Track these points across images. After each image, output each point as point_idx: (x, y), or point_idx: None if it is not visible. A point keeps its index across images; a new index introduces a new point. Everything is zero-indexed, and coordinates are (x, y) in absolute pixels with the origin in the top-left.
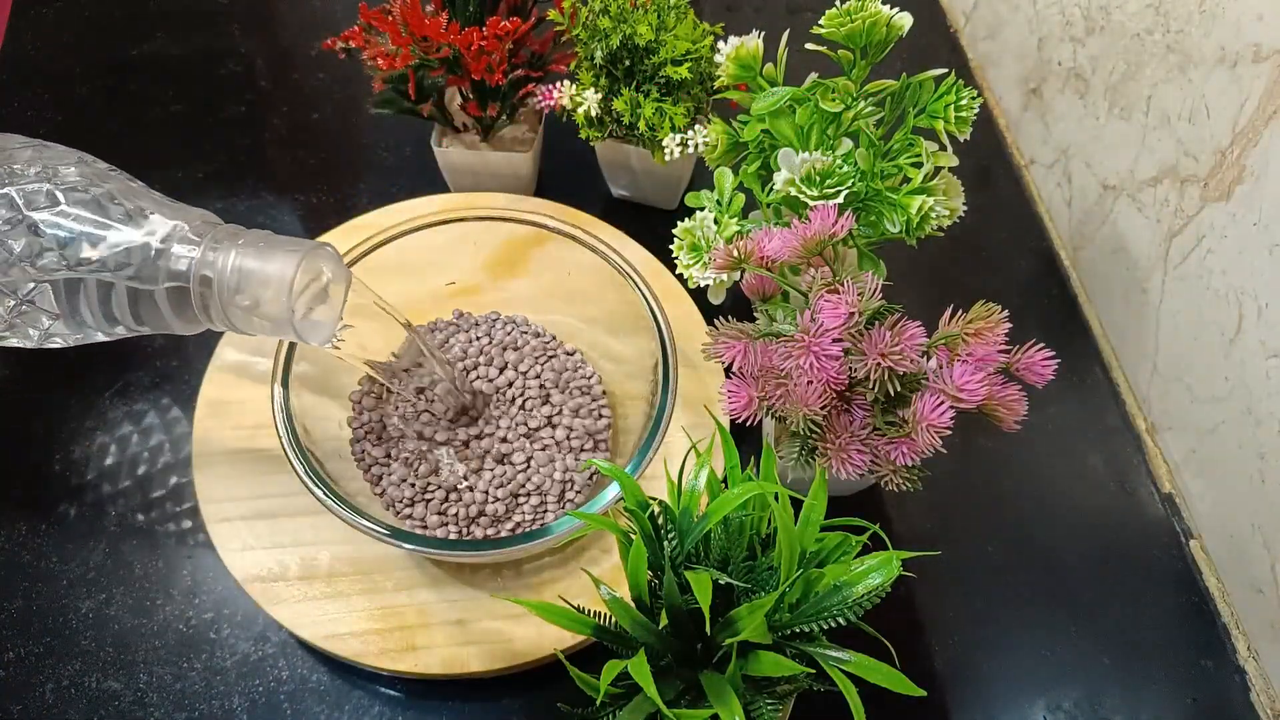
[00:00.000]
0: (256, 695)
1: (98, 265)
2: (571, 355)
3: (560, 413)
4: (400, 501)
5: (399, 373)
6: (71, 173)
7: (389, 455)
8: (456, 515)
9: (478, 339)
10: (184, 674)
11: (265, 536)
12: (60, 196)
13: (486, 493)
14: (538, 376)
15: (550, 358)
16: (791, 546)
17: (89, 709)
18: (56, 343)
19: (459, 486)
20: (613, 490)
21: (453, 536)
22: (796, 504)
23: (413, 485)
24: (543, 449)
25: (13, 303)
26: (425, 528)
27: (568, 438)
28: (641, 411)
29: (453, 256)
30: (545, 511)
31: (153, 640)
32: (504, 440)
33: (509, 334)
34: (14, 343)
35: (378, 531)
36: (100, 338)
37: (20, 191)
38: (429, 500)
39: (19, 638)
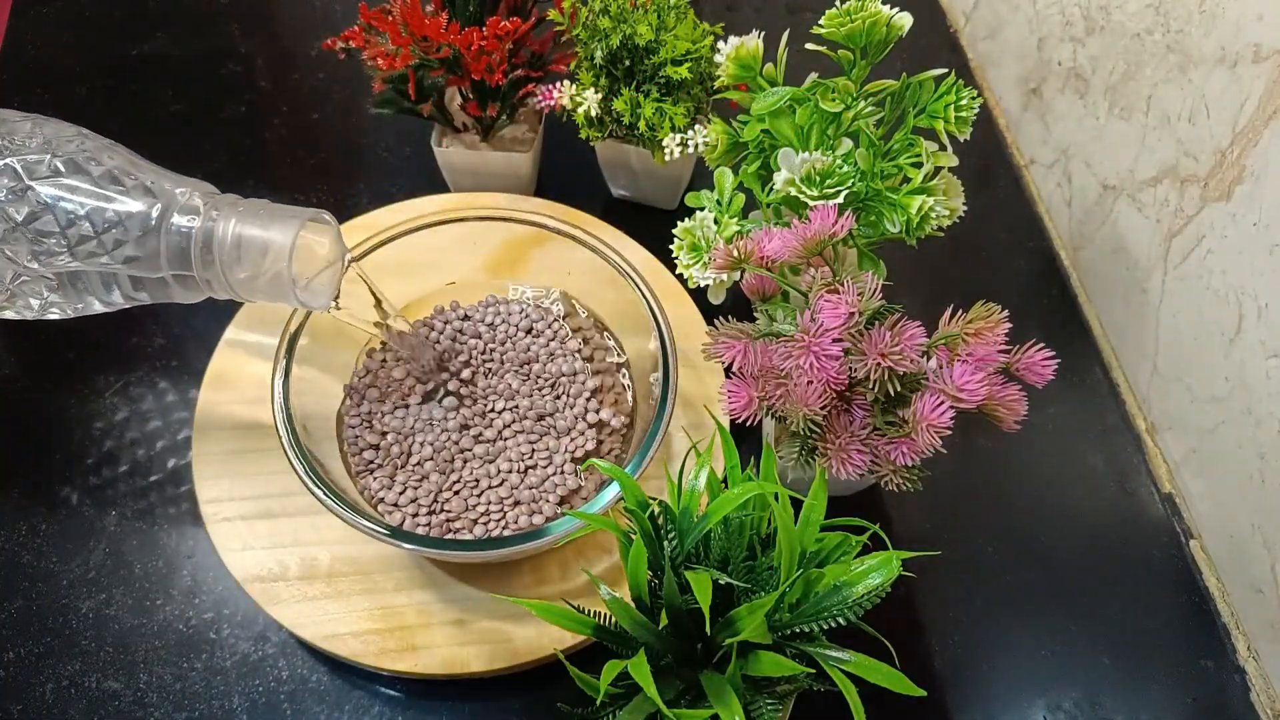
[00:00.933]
0: (256, 695)
1: (97, 245)
2: (574, 342)
3: (559, 409)
4: (383, 491)
5: (395, 336)
6: (72, 146)
7: (378, 445)
8: (437, 509)
9: (477, 336)
10: (184, 674)
11: (265, 536)
12: (61, 167)
13: (479, 489)
14: (535, 376)
15: (552, 344)
16: (791, 546)
17: (89, 709)
18: (55, 314)
19: (444, 487)
20: (613, 490)
21: (434, 534)
22: (796, 504)
23: (400, 478)
24: (539, 444)
25: (13, 271)
26: (405, 521)
27: (569, 433)
28: (642, 412)
29: (453, 256)
30: (540, 512)
31: (153, 640)
32: (500, 435)
33: (502, 323)
34: (11, 314)
35: (378, 532)
36: (98, 307)
37: (21, 162)
38: (417, 498)
39: (19, 638)
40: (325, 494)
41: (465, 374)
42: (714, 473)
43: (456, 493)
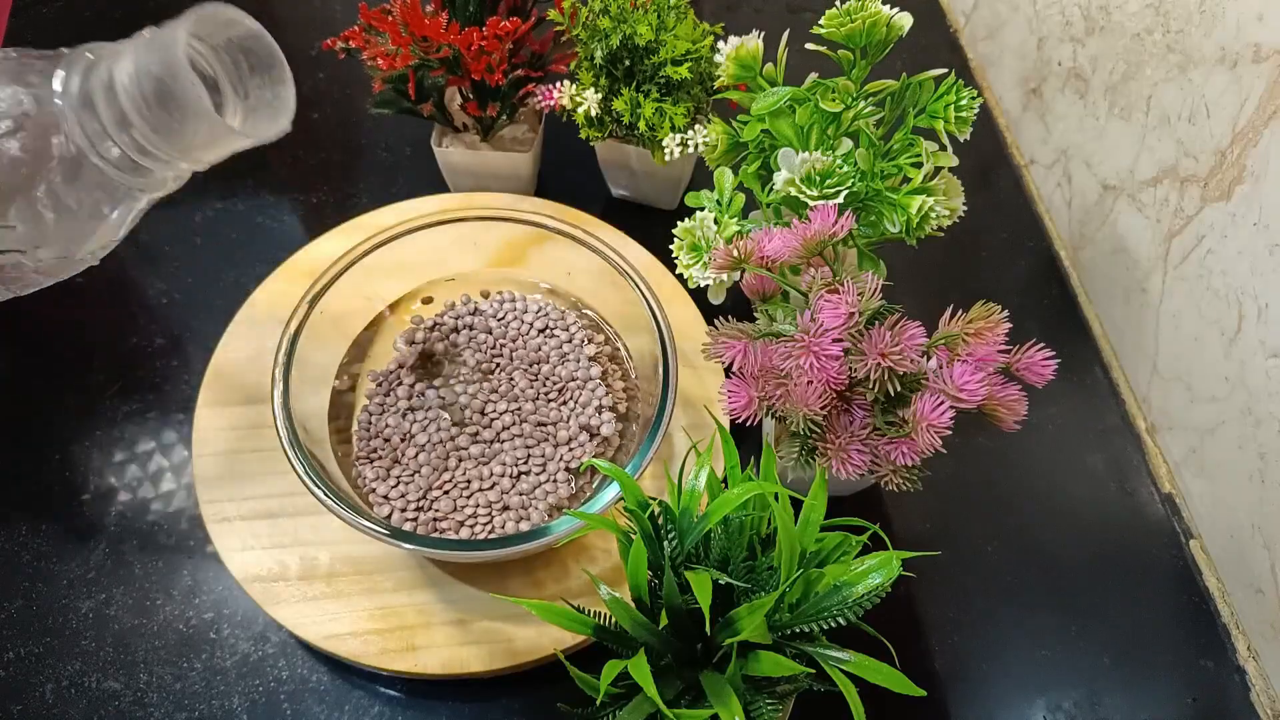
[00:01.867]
0: (256, 695)
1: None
2: (580, 344)
3: (564, 416)
4: (376, 482)
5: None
6: None
7: (386, 435)
8: (425, 507)
9: (487, 331)
10: (184, 674)
11: (265, 536)
12: None
13: (469, 491)
14: (543, 378)
15: (561, 349)
16: (791, 546)
17: (89, 709)
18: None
19: (434, 485)
20: (612, 490)
21: (421, 532)
22: (796, 504)
23: (395, 471)
24: (535, 449)
25: None
26: (393, 514)
27: (568, 442)
28: (642, 412)
29: (453, 256)
30: (528, 519)
31: (153, 640)
32: (498, 437)
33: (515, 320)
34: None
35: (378, 532)
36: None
37: None
38: (407, 493)
39: (19, 638)
40: (325, 494)
41: (470, 363)
42: (714, 473)
43: (446, 492)
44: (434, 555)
